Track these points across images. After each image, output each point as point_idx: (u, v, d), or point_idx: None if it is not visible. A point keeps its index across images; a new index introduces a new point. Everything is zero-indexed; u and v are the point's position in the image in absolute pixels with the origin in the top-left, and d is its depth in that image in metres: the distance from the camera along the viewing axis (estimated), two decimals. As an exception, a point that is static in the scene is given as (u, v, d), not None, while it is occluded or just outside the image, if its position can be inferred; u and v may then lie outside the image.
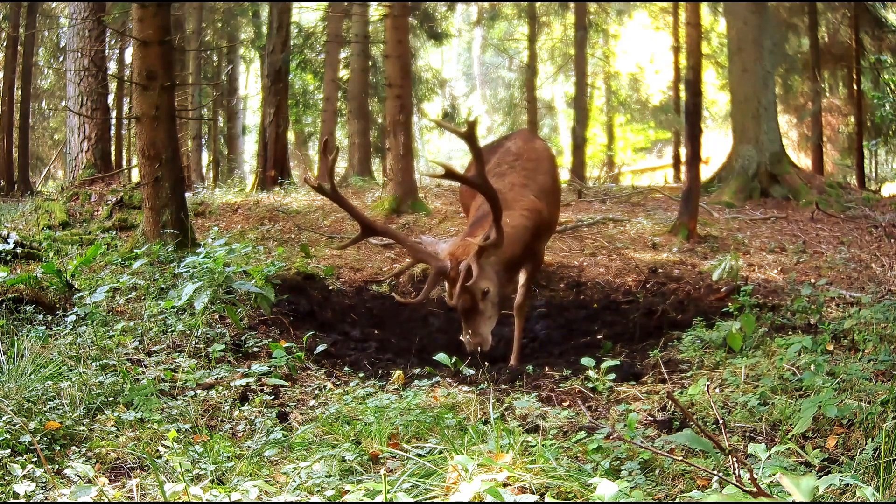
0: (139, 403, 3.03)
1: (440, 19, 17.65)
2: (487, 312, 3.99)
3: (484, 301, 3.94)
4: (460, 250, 3.92)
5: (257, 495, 2.13)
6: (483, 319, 3.98)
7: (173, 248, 5.53)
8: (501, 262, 4.00)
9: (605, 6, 18.85)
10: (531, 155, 4.44)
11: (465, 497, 1.92)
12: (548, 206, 4.34)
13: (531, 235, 4.18)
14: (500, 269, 4.01)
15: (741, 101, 10.93)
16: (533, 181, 4.27)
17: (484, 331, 3.99)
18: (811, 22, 14.85)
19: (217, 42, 18.24)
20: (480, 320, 3.97)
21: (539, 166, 4.39)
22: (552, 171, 4.47)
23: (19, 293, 4.37)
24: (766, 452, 2.09)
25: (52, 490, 2.21)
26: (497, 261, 3.97)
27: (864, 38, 14.38)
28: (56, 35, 17.19)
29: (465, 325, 4.00)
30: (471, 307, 3.93)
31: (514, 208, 4.14)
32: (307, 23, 18.34)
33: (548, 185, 4.36)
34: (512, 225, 4.06)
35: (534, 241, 4.26)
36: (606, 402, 3.27)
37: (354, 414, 2.91)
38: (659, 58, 20.81)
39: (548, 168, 4.43)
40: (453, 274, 3.86)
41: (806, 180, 10.91)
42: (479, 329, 3.97)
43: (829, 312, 4.68)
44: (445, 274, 3.91)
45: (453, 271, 3.85)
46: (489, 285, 3.91)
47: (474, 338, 3.97)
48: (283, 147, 13.10)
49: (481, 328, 3.98)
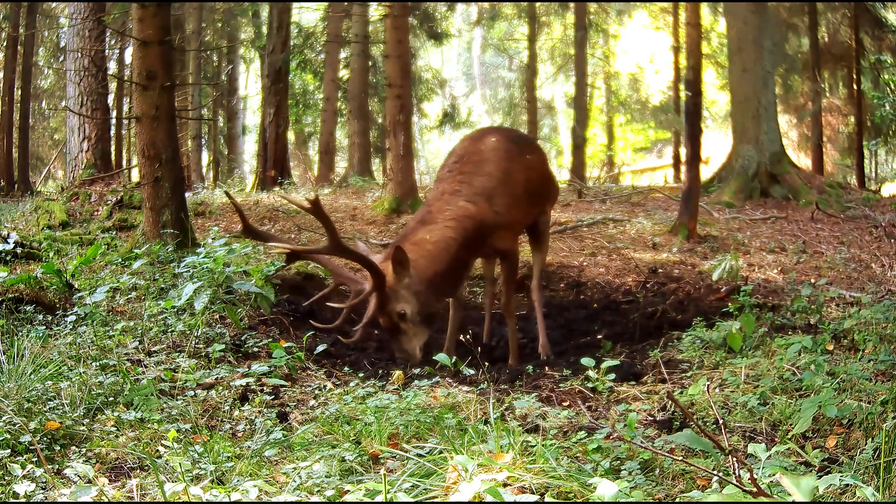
0: (139, 403, 3.03)
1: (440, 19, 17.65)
2: (411, 331, 4.04)
3: (404, 322, 3.99)
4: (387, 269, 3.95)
5: (257, 495, 2.13)
6: (407, 338, 4.04)
7: (173, 248, 5.53)
8: (423, 281, 4.00)
9: (605, 6, 18.86)
10: (472, 157, 4.35)
11: (465, 497, 1.92)
12: (492, 206, 4.22)
13: (460, 245, 4.12)
14: (421, 287, 4.00)
15: (741, 101, 10.93)
16: (468, 185, 4.20)
17: (409, 347, 4.04)
18: (811, 22, 14.85)
19: (217, 42, 18.24)
20: (404, 339, 4.04)
21: (479, 168, 4.28)
22: (497, 169, 4.31)
23: (19, 293, 4.36)
24: (766, 452, 2.09)
25: (52, 490, 2.21)
26: (418, 280, 3.97)
27: (864, 38, 14.38)
28: (56, 35, 17.20)
29: (392, 342, 4.10)
30: (392, 327, 4.01)
31: (437, 221, 4.13)
32: (307, 23, 18.35)
33: (489, 185, 4.23)
34: (432, 241, 4.07)
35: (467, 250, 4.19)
36: (606, 402, 3.27)
37: (354, 414, 2.91)
38: (659, 58, 20.82)
39: (491, 169, 4.29)
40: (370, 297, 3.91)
41: (806, 180, 10.91)
42: (403, 346, 4.05)
43: (829, 312, 4.68)
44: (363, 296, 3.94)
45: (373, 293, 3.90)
46: (405, 307, 3.95)
47: (400, 353, 4.07)
48: (283, 147, 13.11)
49: (406, 345, 4.05)
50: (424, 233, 4.06)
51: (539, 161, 4.79)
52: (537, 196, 4.65)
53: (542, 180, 4.74)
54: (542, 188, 4.74)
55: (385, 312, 3.93)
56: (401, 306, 3.93)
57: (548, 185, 4.89)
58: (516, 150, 4.51)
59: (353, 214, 9.22)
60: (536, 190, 4.60)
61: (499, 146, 4.42)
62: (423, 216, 4.23)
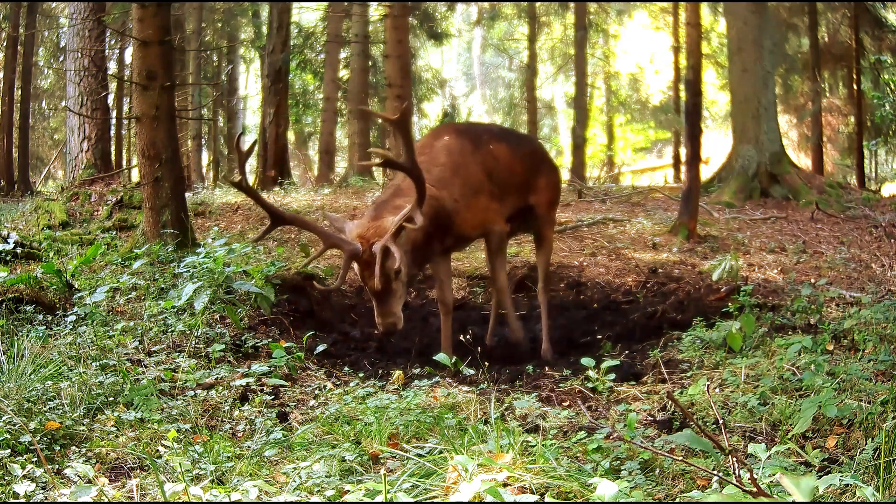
0: (139, 403, 3.02)
1: (440, 19, 17.66)
2: (399, 292, 4.10)
3: (396, 281, 4.04)
4: (370, 231, 4.00)
5: (257, 495, 2.13)
6: (395, 299, 4.08)
7: (173, 248, 5.53)
8: (411, 243, 4.13)
9: (605, 6, 18.86)
10: (427, 151, 4.52)
11: (465, 497, 1.92)
12: (451, 194, 4.40)
13: (429, 219, 4.22)
14: (409, 248, 4.13)
15: (741, 101, 10.93)
16: (427, 173, 4.29)
17: (397, 310, 4.09)
18: (811, 22, 14.85)
19: (217, 42, 18.24)
20: (393, 300, 4.06)
21: (433, 159, 4.45)
22: (452, 161, 4.52)
23: (19, 293, 4.36)
24: (766, 452, 2.09)
25: (52, 490, 2.21)
26: (407, 241, 4.09)
27: (864, 38, 14.39)
28: (56, 35, 17.20)
29: (379, 307, 4.07)
30: (384, 288, 4.00)
31: (409, 195, 4.21)
32: (307, 23, 18.35)
33: (445, 175, 4.42)
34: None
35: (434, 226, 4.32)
36: (606, 402, 3.27)
37: (354, 414, 2.91)
38: (659, 58, 20.82)
39: (444, 160, 4.49)
40: (366, 257, 3.93)
41: (806, 180, 10.91)
42: (393, 308, 4.06)
43: (829, 312, 4.68)
44: (357, 257, 3.97)
45: (366, 254, 3.93)
46: (402, 266, 4.02)
47: (388, 318, 4.05)
48: (283, 147, 13.10)
49: (395, 307, 4.07)
50: (401, 201, 4.13)
51: (507, 153, 4.81)
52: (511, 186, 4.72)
53: (516, 171, 4.78)
54: (514, 178, 4.77)
55: (384, 269, 3.94)
56: (397, 264, 3.95)
57: (529, 175, 4.90)
58: (471, 146, 4.63)
59: (354, 214, 9.22)
60: (507, 180, 4.68)
61: (450, 144, 4.61)
62: (395, 190, 4.33)
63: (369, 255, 3.92)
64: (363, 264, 3.95)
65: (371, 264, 3.89)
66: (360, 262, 3.96)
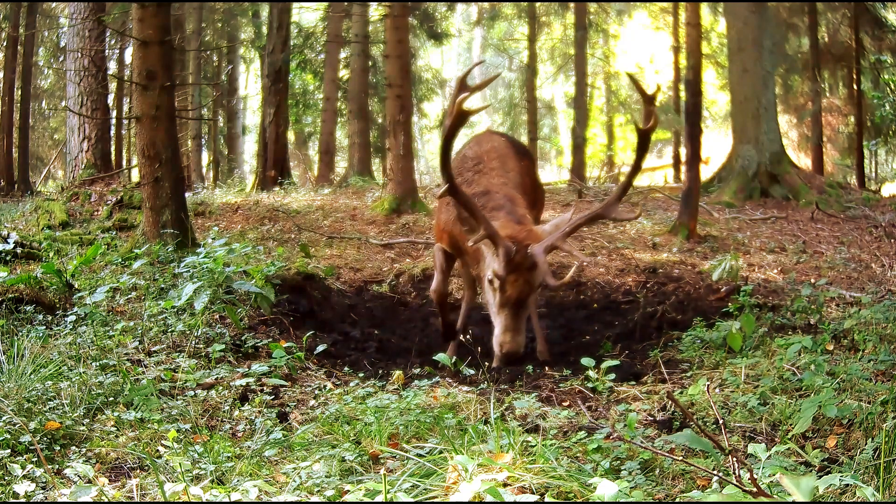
0: (139, 403, 3.02)
1: (440, 19, 17.64)
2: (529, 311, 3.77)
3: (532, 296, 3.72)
4: (523, 234, 3.64)
5: (257, 495, 2.13)
6: (524, 319, 3.71)
7: (173, 248, 5.53)
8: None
9: (605, 6, 18.85)
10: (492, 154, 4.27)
11: (465, 497, 1.92)
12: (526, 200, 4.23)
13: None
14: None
15: (741, 101, 10.93)
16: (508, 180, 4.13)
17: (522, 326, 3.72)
18: (811, 22, 14.85)
19: (217, 42, 18.24)
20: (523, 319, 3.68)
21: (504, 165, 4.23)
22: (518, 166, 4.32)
23: (19, 293, 4.36)
24: (766, 452, 2.09)
25: (52, 490, 2.21)
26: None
27: (864, 38, 14.38)
28: (56, 35, 17.19)
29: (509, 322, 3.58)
30: (524, 300, 3.59)
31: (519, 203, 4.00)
32: (307, 23, 18.35)
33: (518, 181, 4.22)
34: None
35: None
36: (606, 402, 3.27)
37: (354, 414, 2.91)
38: (659, 58, 20.81)
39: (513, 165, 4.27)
40: (519, 259, 3.52)
41: (806, 180, 10.91)
42: (521, 326, 3.63)
43: (829, 312, 4.68)
44: (509, 257, 3.51)
45: (520, 255, 3.52)
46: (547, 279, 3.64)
47: (518, 337, 3.61)
48: (283, 147, 13.11)
49: (524, 328, 3.70)
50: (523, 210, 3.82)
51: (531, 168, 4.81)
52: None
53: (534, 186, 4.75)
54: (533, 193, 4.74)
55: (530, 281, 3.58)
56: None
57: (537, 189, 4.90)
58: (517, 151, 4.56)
59: (353, 214, 9.22)
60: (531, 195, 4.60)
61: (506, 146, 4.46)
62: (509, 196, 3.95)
63: (522, 258, 3.53)
64: (511, 267, 3.54)
65: (522, 267, 3.51)
66: (510, 263, 3.54)
